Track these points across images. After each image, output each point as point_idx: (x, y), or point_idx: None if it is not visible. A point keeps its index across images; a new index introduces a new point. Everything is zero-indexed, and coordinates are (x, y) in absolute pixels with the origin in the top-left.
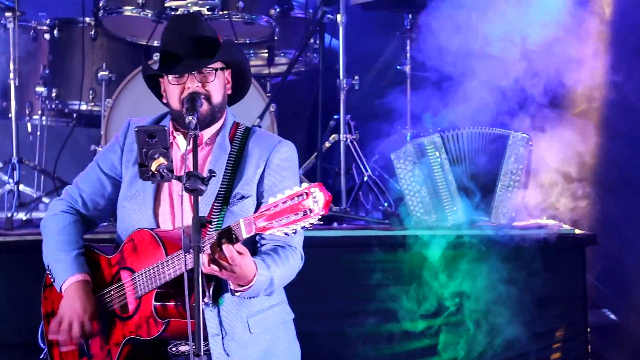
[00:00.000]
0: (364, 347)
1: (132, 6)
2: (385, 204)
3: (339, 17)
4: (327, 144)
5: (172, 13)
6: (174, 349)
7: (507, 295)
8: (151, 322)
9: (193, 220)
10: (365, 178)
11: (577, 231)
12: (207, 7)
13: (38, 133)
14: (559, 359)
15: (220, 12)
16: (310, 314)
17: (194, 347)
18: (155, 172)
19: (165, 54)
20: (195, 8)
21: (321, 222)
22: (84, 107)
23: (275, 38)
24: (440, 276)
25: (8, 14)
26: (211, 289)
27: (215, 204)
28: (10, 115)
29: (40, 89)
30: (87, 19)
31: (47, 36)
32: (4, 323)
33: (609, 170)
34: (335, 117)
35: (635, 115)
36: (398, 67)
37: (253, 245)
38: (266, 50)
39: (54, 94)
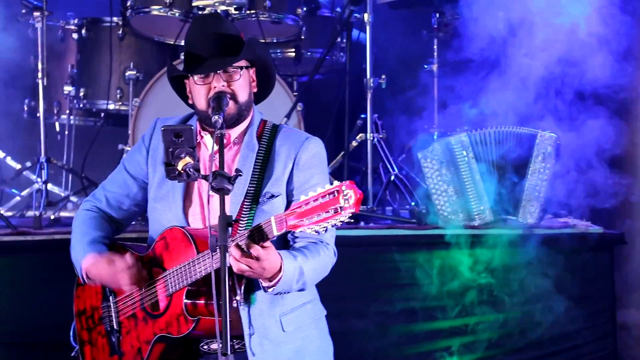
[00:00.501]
0: (392, 346)
1: (159, 5)
2: (412, 203)
3: (365, 16)
4: (354, 143)
5: (200, 12)
6: (205, 346)
7: (535, 295)
8: (181, 319)
9: (220, 219)
10: (392, 177)
11: (605, 231)
12: (235, 6)
13: (66, 132)
14: (587, 358)
15: (248, 12)
16: (338, 313)
17: (221, 345)
18: (182, 171)
19: (190, 54)
20: (223, 7)
21: (352, 220)
22: (111, 107)
23: (303, 37)
24: (468, 276)
25: (36, 14)
26: (242, 288)
27: (245, 203)
28: (38, 115)
29: (68, 88)
30: (115, 19)
31: (75, 36)
32: (34, 322)
33: None
34: (362, 116)
35: None
36: (425, 66)
37: (285, 244)
38: (293, 50)
39: (81, 94)
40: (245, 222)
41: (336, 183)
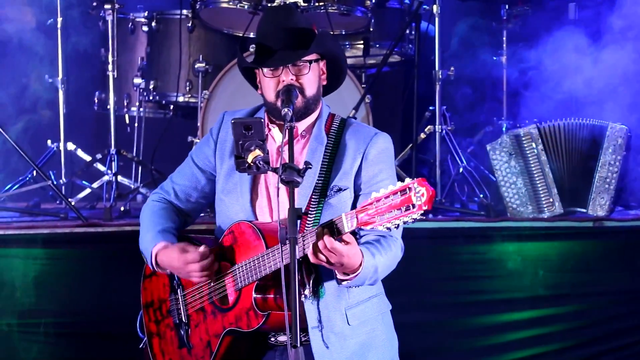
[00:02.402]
0: (460, 339)
1: None
2: (481, 196)
3: (434, 7)
4: (423, 135)
5: (268, 4)
6: (272, 339)
7: (602, 288)
8: (251, 314)
9: (289, 212)
10: (461, 169)
11: None
12: None
13: (136, 124)
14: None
15: (317, 4)
16: (406, 306)
17: (290, 338)
18: (252, 163)
19: (260, 46)
20: None
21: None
22: (180, 99)
23: (371, 29)
24: (532, 268)
25: (107, 7)
26: (311, 281)
27: (313, 197)
28: (108, 107)
29: (138, 80)
30: (184, 11)
31: (144, 28)
32: (103, 312)
33: None
34: (431, 108)
35: None
36: (495, 58)
37: (353, 235)
38: (362, 42)
39: (151, 86)
40: (314, 215)
41: (407, 180)
